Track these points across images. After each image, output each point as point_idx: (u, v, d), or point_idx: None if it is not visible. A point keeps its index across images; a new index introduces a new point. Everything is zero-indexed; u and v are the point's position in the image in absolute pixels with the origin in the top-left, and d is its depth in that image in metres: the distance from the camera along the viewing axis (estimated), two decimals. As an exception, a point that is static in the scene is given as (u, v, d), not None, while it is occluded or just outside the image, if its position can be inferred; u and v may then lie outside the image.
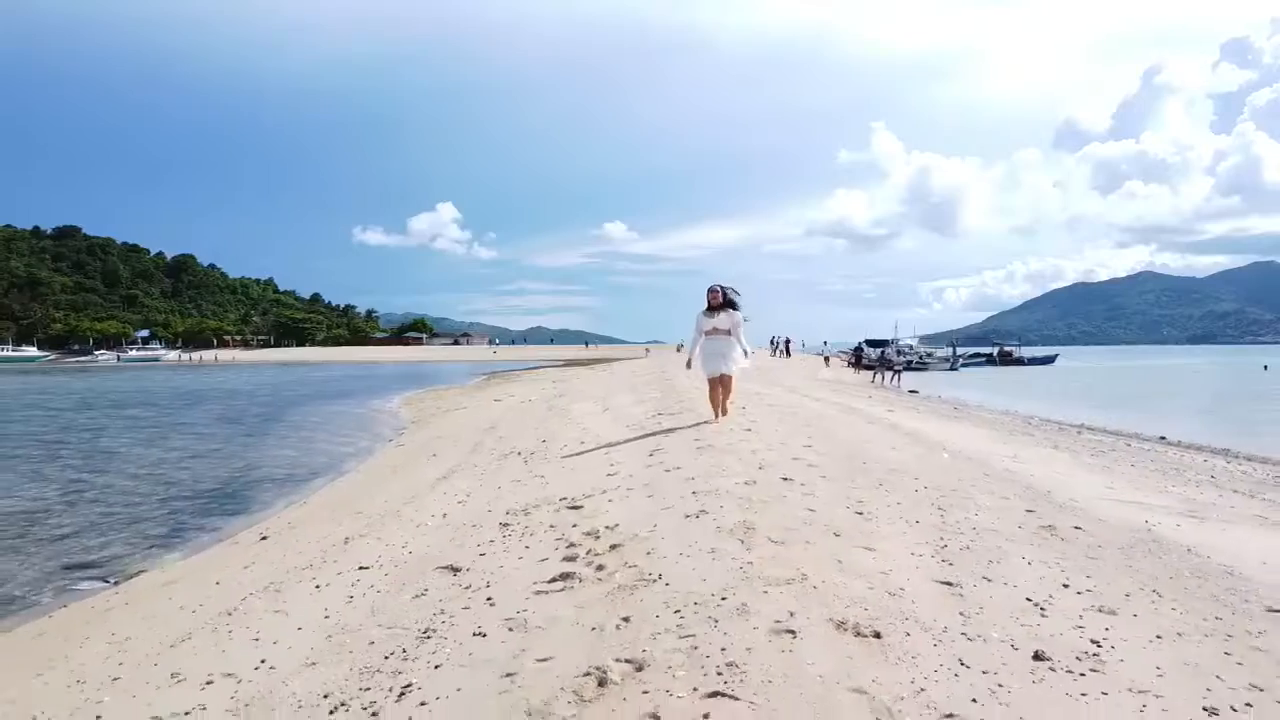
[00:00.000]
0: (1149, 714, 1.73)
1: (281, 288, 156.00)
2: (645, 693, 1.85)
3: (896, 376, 27.75)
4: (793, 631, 2.12)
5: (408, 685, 2.24)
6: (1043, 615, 2.31)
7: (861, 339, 44.77)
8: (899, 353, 36.51)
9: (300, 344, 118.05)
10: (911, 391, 21.86)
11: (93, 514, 7.00)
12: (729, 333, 6.81)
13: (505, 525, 4.23)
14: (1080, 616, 2.31)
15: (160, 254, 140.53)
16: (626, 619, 2.40)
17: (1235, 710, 1.77)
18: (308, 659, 2.65)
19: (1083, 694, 1.81)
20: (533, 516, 4.34)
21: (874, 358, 33.18)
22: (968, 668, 1.91)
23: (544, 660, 2.21)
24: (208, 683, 2.57)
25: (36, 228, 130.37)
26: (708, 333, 6.85)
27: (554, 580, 3.00)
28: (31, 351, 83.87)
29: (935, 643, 2.07)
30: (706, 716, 1.68)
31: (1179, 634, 2.22)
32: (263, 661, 2.70)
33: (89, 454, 11.13)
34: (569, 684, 1.99)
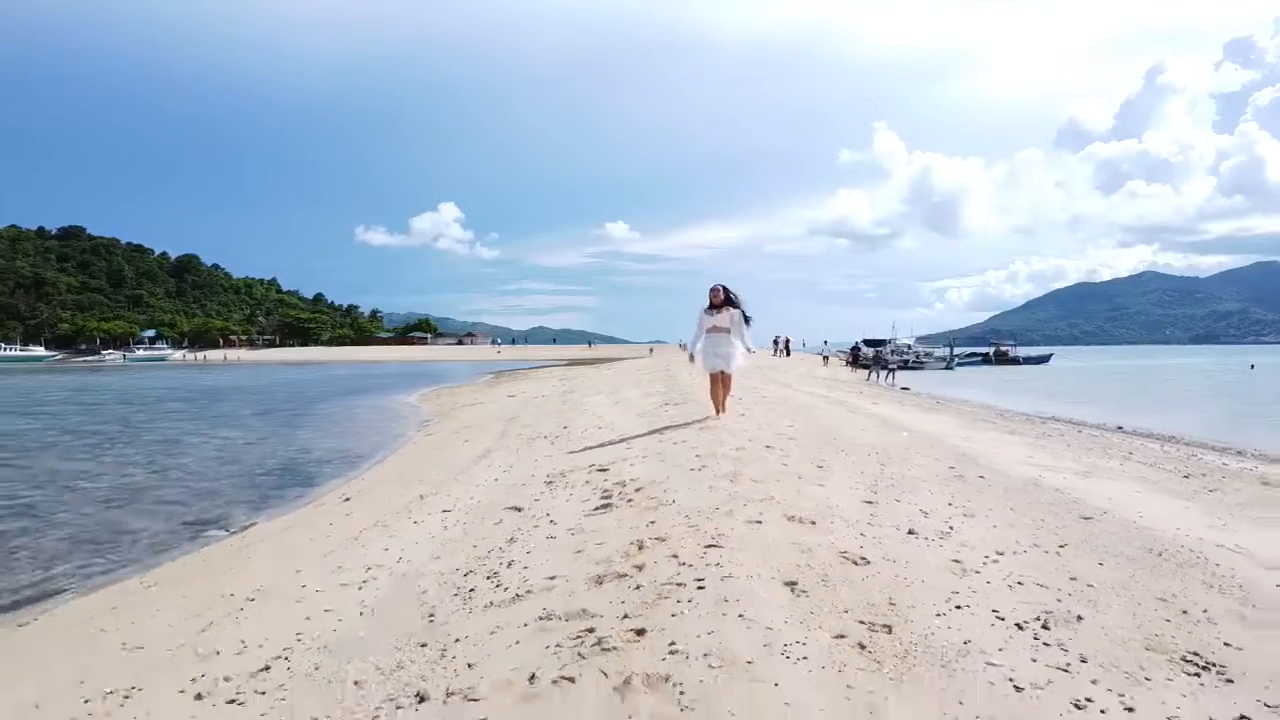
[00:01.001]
0: (968, 554, 2.95)
1: (284, 287, 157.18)
2: (668, 548, 3.07)
3: (891, 375, 28.95)
4: (759, 521, 3.34)
5: (511, 561, 3.45)
6: (924, 516, 3.54)
7: (859, 339, 45.91)
8: (892, 352, 37.66)
9: (305, 344, 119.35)
10: (903, 389, 23.02)
11: (184, 487, 8.23)
12: (729, 331, 7.03)
13: (549, 482, 5.45)
14: (949, 518, 3.53)
15: (164, 254, 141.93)
16: (652, 522, 3.62)
17: (1018, 552, 2.99)
18: (432, 555, 3.88)
19: (928, 546, 3.03)
20: (569, 477, 5.55)
21: (870, 357, 34.37)
22: (864, 536, 3.14)
23: (600, 544, 3.43)
24: (367, 569, 3.79)
25: (41, 228, 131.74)
26: (708, 330, 7.07)
27: (597, 509, 4.22)
28: (39, 351, 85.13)
29: (848, 526, 3.29)
30: (706, 550, 2.91)
31: (1011, 524, 3.45)
32: (399, 560, 3.92)
33: (155, 441, 12.38)
34: (620, 550, 3.21)
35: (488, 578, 3.23)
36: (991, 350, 55.50)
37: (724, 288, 7.15)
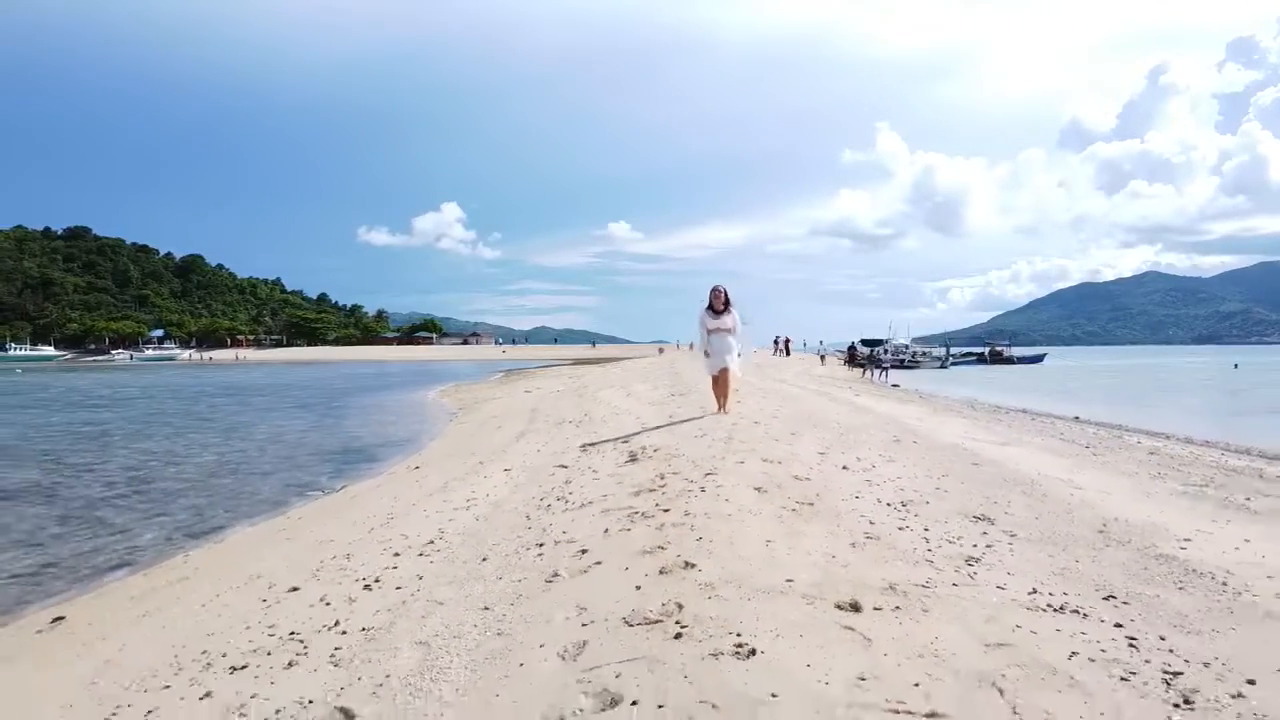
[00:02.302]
0: (875, 478, 4.47)
1: (287, 288, 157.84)
2: (681, 476, 4.60)
3: (884, 373, 30.46)
4: (742, 462, 4.88)
5: (571, 492, 4.98)
6: (857, 460, 5.07)
7: (856, 339, 47.40)
8: (885, 352, 39.17)
9: (312, 343, 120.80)
10: (894, 385, 24.52)
11: (266, 462, 9.77)
12: (731, 331, 7.53)
13: (584, 450, 6.97)
14: (874, 462, 5.07)
15: (169, 254, 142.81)
16: (669, 466, 5.14)
17: (911, 478, 4.51)
18: (510, 492, 5.41)
19: (851, 474, 4.56)
20: (599, 447, 7.08)
21: (865, 356, 35.89)
22: (811, 469, 4.67)
23: (633, 478, 4.95)
24: (467, 500, 5.32)
25: (47, 228, 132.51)
26: (711, 331, 7.56)
27: (626, 462, 5.74)
28: (49, 351, 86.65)
29: (802, 464, 4.83)
30: (706, 476, 4.44)
31: (915, 465, 4.98)
32: (486, 496, 5.45)
33: (222, 429, 13.97)
34: (647, 480, 4.73)
35: (558, 499, 4.77)
36: (987, 350, 56.92)
37: (725, 290, 7.60)
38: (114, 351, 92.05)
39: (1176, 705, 1.70)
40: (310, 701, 2.16)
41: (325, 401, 21.95)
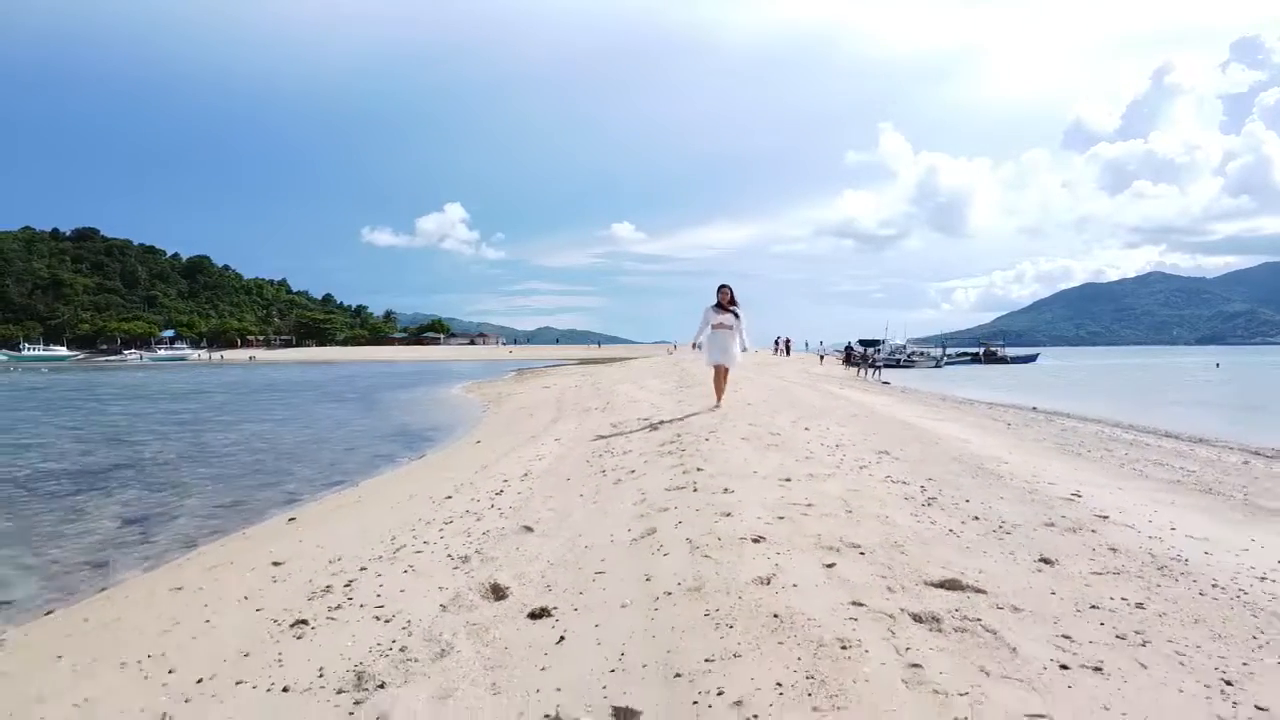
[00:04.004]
0: (827, 435, 6.47)
1: (292, 288, 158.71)
2: (691, 436, 6.61)
3: (876, 371, 32.43)
4: (735, 427, 6.89)
5: (612, 449, 6.98)
6: (819, 426, 7.07)
7: (853, 339, 49.34)
8: (878, 352, 41.15)
9: (321, 344, 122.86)
10: (884, 382, 26.48)
11: (347, 440, 11.78)
12: (733, 329, 8.21)
13: (614, 426, 8.97)
14: (829, 427, 7.07)
15: (176, 255, 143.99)
16: (680, 432, 7.14)
17: (853, 434, 6.51)
18: (567, 450, 7.41)
19: (810, 433, 6.57)
20: (625, 424, 9.07)
21: (859, 355, 37.87)
22: (783, 430, 6.69)
23: (658, 438, 6.95)
24: (536, 456, 7.32)
25: (55, 229, 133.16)
26: (714, 327, 8.23)
27: (649, 431, 7.75)
28: (62, 351, 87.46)
29: (778, 428, 6.84)
30: (709, 436, 6.45)
31: (861, 428, 6.98)
32: (549, 453, 7.45)
33: (284, 418, 16.01)
34: (667, 440, 6.74)
35: (605, 453, 6.78)
36: (981, 350, 58.81)
37: (731, 289, 8.28)
38: (126, 352, 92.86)
39: (923, 505, 3.70)
40: (503, 530, 4.15)
41: (361, 397, 23.99)
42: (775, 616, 2.12)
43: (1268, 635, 2.14)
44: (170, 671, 2.53)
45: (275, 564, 3.98)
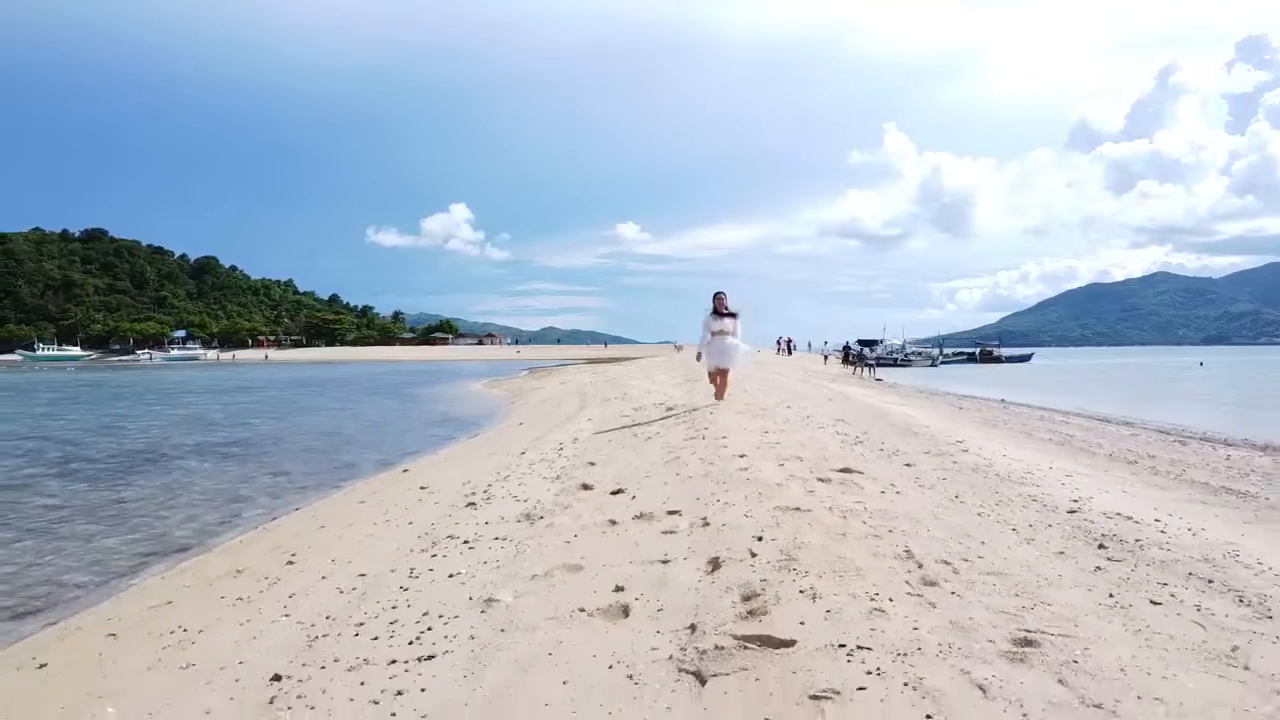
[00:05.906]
0: (806, 413, 8.40)
1: (299, 289, 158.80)
2: (699, 415, 8.55)
3: (871, 369, 34.32)
4: (732, 407, 8.83)
5: (637, 421, 8.92)
6: (801, 406, 9.01)
7: (851, 339, 51.17)
8: (873, 351, 43.08)
9: (331, 344, 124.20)
10: (878, 380, 28.32)
11: (395, 427, 13.73)
12: (732, 334, 8.86)
13: (636, 410, 10.92)
14: (807, 407, 9.01)
15: (184, 256, 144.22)
16: (691, 411, 9.08)
17: (829, 413, 8.44)
18: (599, 428, 9.35)
19: (792, 410, 8.51)
20: (644, 410, 11.01)
21: (856, 354, 39.76)
22: (771, 408, 8.62)
23: (674, 419, 8.89)
24: (579, 427, 9.27)
25: (65, 230, 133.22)
26: (714, 332, 8.85)
27: (666, 413, 9.70)
28: (75, 351, 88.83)
29: (768, 407, 8.77)
30: (713, 413, 8.39)
31: (837, 410, 8.91)
32: (585, 430, 9.39)
33: (333, 409, 17.99)
34: (681, 416, 8.68)
35: (634, 423, 8.72)
36: (977, 350, 60.56)
37: (725, 295, 8.97)
38: (138, 351, 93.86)
39: (852, 444, 5.64)
40: (574, 464, 6.09)
41: (392, 391, 25.99)
42: (748, 480, 4.06)
43: (994, 487, 4.07)
44: (409, 524, 4.51)
45: (422, 488, 5.94)
